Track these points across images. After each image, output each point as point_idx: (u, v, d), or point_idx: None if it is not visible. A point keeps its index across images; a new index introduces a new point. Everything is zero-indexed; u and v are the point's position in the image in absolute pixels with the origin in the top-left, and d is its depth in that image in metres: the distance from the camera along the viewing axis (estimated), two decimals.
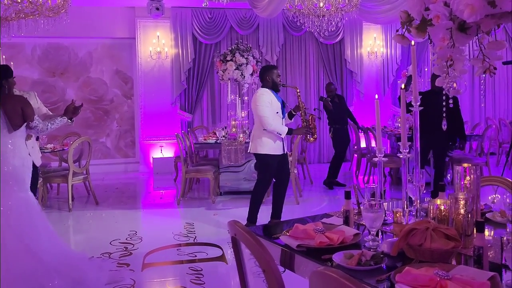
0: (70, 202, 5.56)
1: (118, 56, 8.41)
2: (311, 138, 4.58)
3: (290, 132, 4.41)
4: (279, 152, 4.38)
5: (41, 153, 4.62)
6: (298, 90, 4.64)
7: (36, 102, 4.21)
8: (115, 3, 7.94)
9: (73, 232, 5.00)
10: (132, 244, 4.25)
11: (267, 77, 4.37)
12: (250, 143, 4.54)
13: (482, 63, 1.54)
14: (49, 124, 3.49)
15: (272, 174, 4.44)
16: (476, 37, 1.58)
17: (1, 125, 3.12)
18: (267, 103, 4.27)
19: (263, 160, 4.42)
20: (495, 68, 1.54)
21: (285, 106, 4.51)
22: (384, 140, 7.44)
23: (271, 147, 4.33)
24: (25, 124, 3.30)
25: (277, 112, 4.35)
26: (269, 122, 4.25)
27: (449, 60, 1.55)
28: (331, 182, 6.58)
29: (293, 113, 4.58)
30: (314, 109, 5.64)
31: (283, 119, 4.44)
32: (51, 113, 4.24)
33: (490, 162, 6.34)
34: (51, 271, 2.98)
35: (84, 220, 5.27)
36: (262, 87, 4.42)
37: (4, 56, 6.85)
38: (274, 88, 4.39)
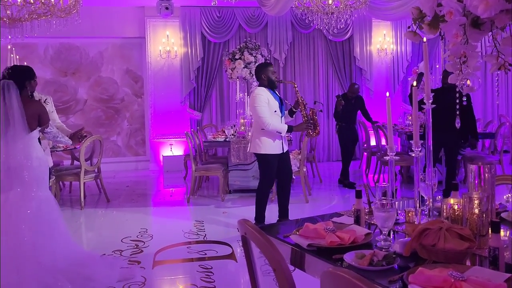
0: (82, 200, 5.61)
1: (128, 55, 8.45)
2: (313, 133, 4.47)
3: (290, 129, 4.34)
4: (278, 151, 4.33)
5: (54, 151, 4.69)
6: (295, 85, 4.54)
7: (51, 107, 4.30)
8: (125, 3, 7.98)
9: (85, 230, 5.05)
10: (143, 241, 4.28)
11: (262, 75, 4.29)
12: (249, 143, 4.51)
13: (496, 59, 1.51)
14: (60, 136, 3.63)
15: (273, 173, 4.39)
16: (490, 33, 1.55)
17: (20, 128, 3.15)
18: (264, 102, 4.20)
19: (263, 160, 4.38)
20: (510, 65, 1.51)
21: (283, 104, 4.43)
22: (394, 138, 7.36)
23: (270, 146, 4.29)
24: (38, 128, 3.34)
25: (275, 111, 4.27)
26: (267, 122, 4.19)
27: (463, 56, 1.52)
28: (342, 182, 6.54)
29: (294, 110, 4.50)
30: (315, 103, 5.46)
31: (283, 117, 4.37)
32: (60, 122, 4.34)
33: (503, 160, 6.25)
34: (54, 273, 3.00)
35: (96, 218, 5.32)
36: (259, 86, 4.35)
37: (18, 56, 6.94)
38: (271, 86, 4.31)
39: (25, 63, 6.18)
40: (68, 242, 3.36)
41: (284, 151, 4.40)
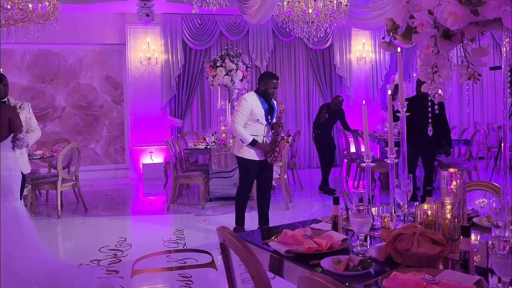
0: (59, 209, 5.50)
1: (108, 62, 8.38)
2: (269, 159, 4.38)
3: (253, 143, 4.29)
4: (257, 157, 4.36)
5: (30, 159, 4.58)
6: (282, 108, 4.48)
7: (28, 113, 4.19)
8: (105, 10, 7.92)
9: (62, 239, 4.94)
10: (122, 251, 4.22)
11: (262, 84, 4.36)
12: (233, 144, 4.54)
13: (466, 69, 1.56)
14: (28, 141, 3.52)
15: (251, 177, 4.44)
16: (461, 44, 1.60)
17: None
18: (245, 110, 4.26)
19: (241, 163, 4.44)
20: (479, 75, 1.56)
21: (272, 114, 4.44)
22: (373, 145, 7.48)
23: (249, 151, 4.33)
24: (11, 135, 3.26)
25: (258, 120, 4.31)
26: (235, 127, 4.27)
27: (434, 66, 1.57)
28: (323, 189, 6.60)
29: (271, 127, 4.51)
30: (288, 135, 4.99)
31: (267, 126, 4.41)
32: (37, 128, 4.24)
33: (479, 167, 6.41)
34: (30, 283, 2.93)
35: (73, 227, 5.22)
36: (255, 90, 4.43)
37: None
38: (264, 96, 4.36)
39: (1, 70, 6.07)
40: (42, 253, 3.28)
41: (264, 159, 4.40)
